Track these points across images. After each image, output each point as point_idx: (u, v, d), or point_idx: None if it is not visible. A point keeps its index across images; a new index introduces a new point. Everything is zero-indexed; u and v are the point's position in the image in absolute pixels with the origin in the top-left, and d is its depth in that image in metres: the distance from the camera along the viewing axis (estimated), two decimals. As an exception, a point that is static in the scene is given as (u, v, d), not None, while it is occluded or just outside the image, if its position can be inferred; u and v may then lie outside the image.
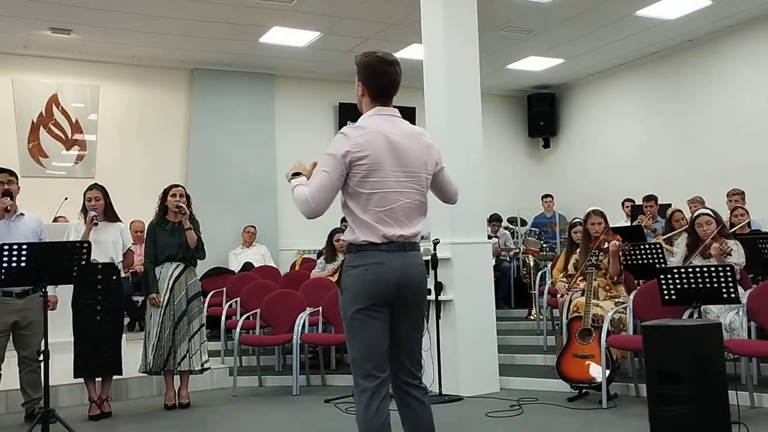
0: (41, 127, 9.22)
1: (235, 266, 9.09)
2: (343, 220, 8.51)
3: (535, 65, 10.54)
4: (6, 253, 4.32)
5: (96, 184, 5.49)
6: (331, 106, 10.75)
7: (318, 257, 7.93)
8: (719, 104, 9.44)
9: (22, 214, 5.04)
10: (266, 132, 10.30)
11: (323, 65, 10.14)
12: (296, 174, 2.95)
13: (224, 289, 7.72)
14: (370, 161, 2.78)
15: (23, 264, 4.35)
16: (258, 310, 6.55)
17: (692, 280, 4.44)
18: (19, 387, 5.02)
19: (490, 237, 6.82)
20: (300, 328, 6.04)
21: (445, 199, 3.12)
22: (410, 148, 2.87)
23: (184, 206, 5.43)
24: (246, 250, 9.48)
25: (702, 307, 4.52)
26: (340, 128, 11.54)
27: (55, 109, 9.32)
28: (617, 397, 5.19)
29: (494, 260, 8.57)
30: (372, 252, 2.79)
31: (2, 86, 9.01)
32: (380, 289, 2.78)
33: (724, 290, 4.39)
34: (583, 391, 5.25)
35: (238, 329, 6.23)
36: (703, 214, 5.45)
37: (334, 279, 7.12)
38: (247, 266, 8.84)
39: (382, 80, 2.93)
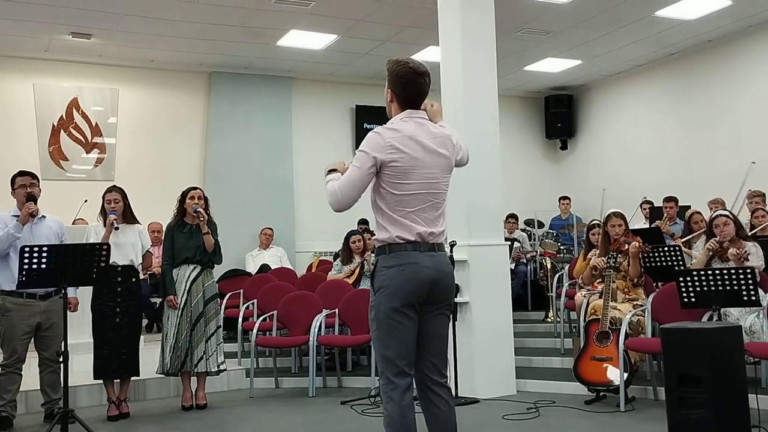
0: (62, 131, 9.33)
1: (252, 268, 9.13)
2: (360, 222, 8.59)
3: (553, 66, 10.49)
4: (27, 254, 4.38)
5: (115, 185, 5.53)
6: (347, 108, 10.78)
7: (334, 259, 7.94)
8: (739, 105, 9.34)
9: (43, 217, 5.09)
10: (283, 134, 10.35)
11: (340, 68, 10.17)
12: (332, 170, 3.02)
13: (241, 290, 7.76)
14: (403, 163, 2.87)
15: (44, 266, 4.40)
16: (275, 312, 6.57)
17: (712, 283, 4.39)
18: (39, 387, 5.08)
19: (506, 239, 6.80)
20: (316, 330, 6.05)
21: (458, 162, 3.16)
22: (440, 152, 2.97)
23: (202, 211, 5.44)
24: (263, 252, 9.53)
25: (722, 310, 4.47)
26: (356, 130, 11.50)
27: (75, 112, 9.43)
28: (635, 400, 5.14)
29: (513, 264, 8.58)
30: (406, 252, 2.88)
31: (24, 90, 9.12)
32: (415, 288, 2.87)
33: (744, 293, 4.34)
34: (601, 394, 5.22)
35: (254, 331, 6.26)
36: (721, 215, 5.40)
37: (350, 281, 7.14)
38: (264, 268, 8.88)
39: (410, 91, 3.00)
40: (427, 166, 2.91)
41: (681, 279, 4.52)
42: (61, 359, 4.45)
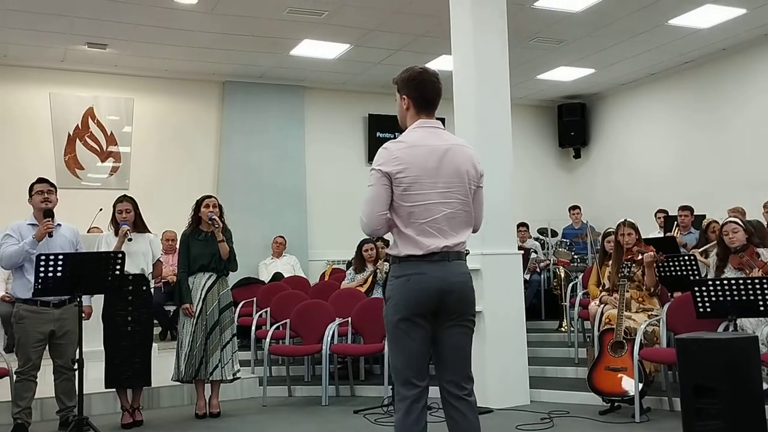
0: (77, 140, 9.42)
1: (265, 276, 9.15)
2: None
3: (566, 75, 10.48)
4: (43, 263, 4.42)
5: (125, 195, 5.55)
6: (360, 117, 10.81)
7: (347, 268, 7.95)
8: (754, 113, 9.29)
9: (59, 225, 5.11)
10: (296, 143, 10.39)
11: (353, 77, 10.21)
12: None
13: (254, 299, 7.78)
14: (410, 174, 2.83)
15: (59, 274, 4.44)
16: (288, 320, 6.59)
17: (728, 293, 4.36)
18: (53, 395, 5.10)
19: (519, 248, 6.78)
20: (329, 339, 6.05)
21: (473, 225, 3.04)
22: (453, 159, 2.91)
23: (218, 219, 5.48)
24: (276, 260, 9.55)
25: (737, 320, 4.43)
26: (369, 139, 11.57)
27: (90, 121, 9.52)
28: (650, 411, 5.10)
29: (529, 275, 8.55)
30: (414, 263, 2.85)
31: (40, 100, 9.22)
32: (421, 299, 2.84)
33: (761, 302, 4.30)
34: (616, 404, 5.18)
35: (268, 339, 6.26)
36: (729, 221, 5.34)
37: (363, 289, 7.14)
38: (277, 276, 8.90)
39: (426, 89, 2.97)
40: (438, 175, 2.86)
41: (696, 289, 4.48)
42: (76, 367, 4.49)
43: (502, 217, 5.74)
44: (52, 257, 4.45)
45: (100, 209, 7.69)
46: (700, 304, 4.45)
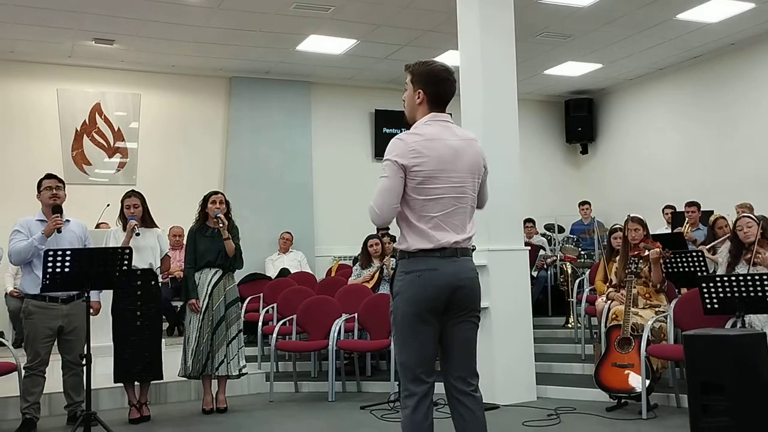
0: (84, 135, 9.44)
1: (272, 272, 9.17)
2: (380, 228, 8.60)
3: (573, 70, 10.44)
4: (51, 258, 4.43)
5: (133, 190, 5.57)
6: (367, 112, 10.80)
7: (354, 264, 7.95)
8: (762, 108, 9.23)
9: (67, 221, 5.12)
10: (303, 139, 10.40)
11: (359, 72, 10.20)
12: None
13: (261, 294, 7.79)
14: (427, 168, 2.81)
15: (67, 269, 4.45)
16: (294, 316, 6.59)
17: (735, 289, 4.34)
18: (62, 390, 5.14)
19: (526, 244, 6.78)
20: (336, 335, 6.06)
21: (477, 204, 3.08)
22: (465, 155, 2.91)
23: (223, 217, 5.48)
24: (282, 256, 9.56)
25: (745, 317, 4.41)
26: (376, 135, 11.50)
27: (98, 117, 9.54)
28: (657, 407, 5.10)
29: (536, 272, 8.53)
30: (425, 258, 2.83)
31: (47, 95, 9.25)
32: (432, 295, 2.83)
33: (769, 299, 4.28)
34: (623, 401, 5.17)
35: (274, 335, 6.28)
36: (744, 216, 5.33)
37: (369, 285, 7.14)
38: (284, 272, 8.92)
39: (444, 88, 2.95)
40: (453, 170, 2.85)
41: (704, 285, 4.47)
42: (83, 362, 4.51)
43: (508, 212, 5.73)
44: (60, 253, 4.47)
45: (108, 205, 7.73)
46: (707, 301, 4.44)
